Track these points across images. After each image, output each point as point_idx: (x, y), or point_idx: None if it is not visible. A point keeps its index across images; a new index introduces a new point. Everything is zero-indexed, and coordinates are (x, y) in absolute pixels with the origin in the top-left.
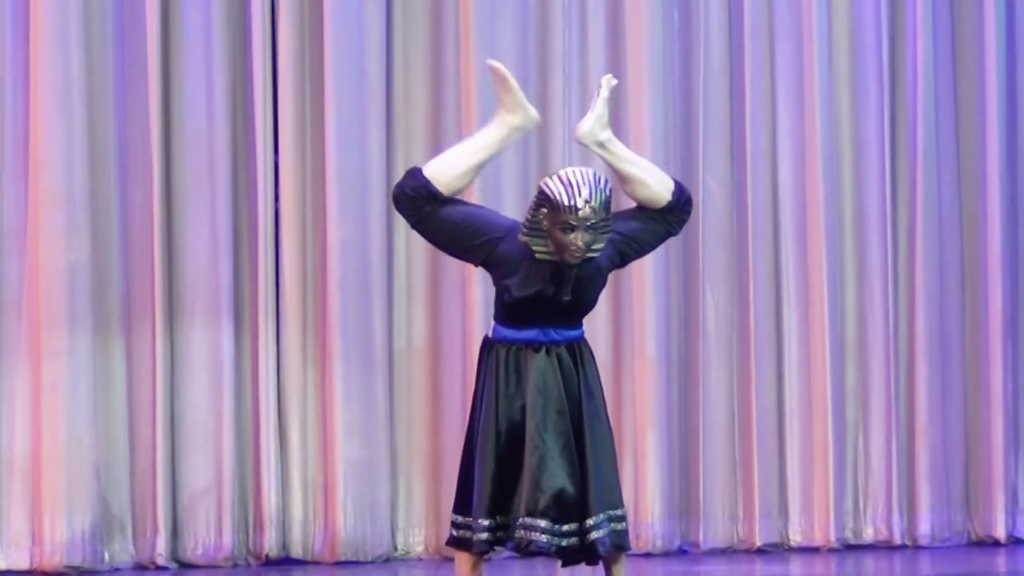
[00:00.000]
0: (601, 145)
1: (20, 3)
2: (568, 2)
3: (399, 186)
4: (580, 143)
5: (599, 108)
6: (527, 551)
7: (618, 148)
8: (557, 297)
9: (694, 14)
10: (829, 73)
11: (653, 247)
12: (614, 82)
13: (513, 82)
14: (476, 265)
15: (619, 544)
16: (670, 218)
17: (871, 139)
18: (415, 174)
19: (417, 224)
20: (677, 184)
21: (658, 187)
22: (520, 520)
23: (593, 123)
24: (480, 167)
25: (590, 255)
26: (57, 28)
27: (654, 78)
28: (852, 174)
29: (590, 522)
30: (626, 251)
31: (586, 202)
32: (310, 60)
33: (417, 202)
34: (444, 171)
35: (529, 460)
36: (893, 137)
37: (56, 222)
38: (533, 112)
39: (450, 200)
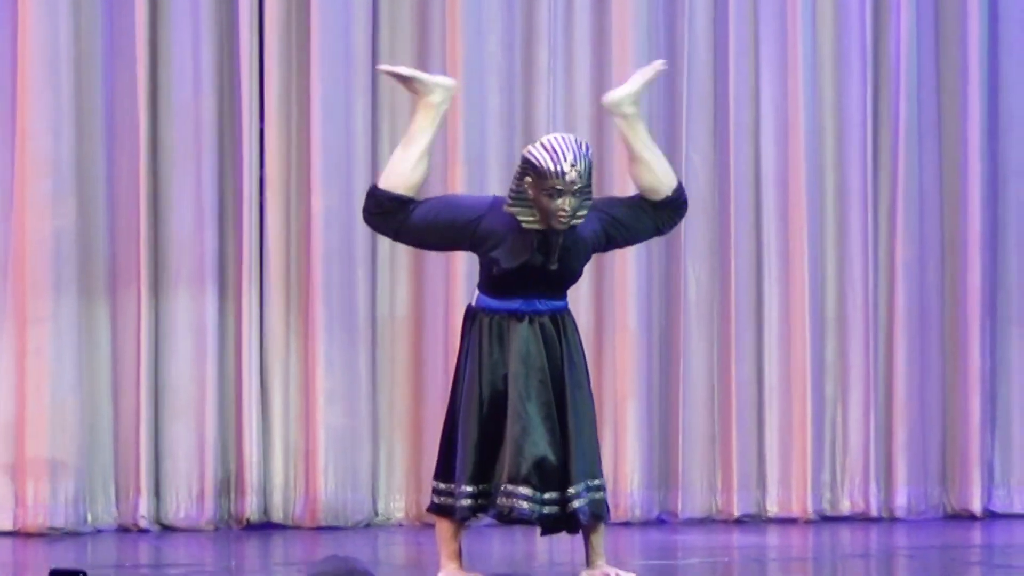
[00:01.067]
0: (625, 117)
1: None
2: None
3: (365, 208)
4: (606, 108)
5: (636, 83)
6: (509, 518)
7: (638, 127)
8: (545, 266)
9: None
10: (813, 50)
11: (639, 240)
12: (663, 68)
13: (410, 72)
14: (466, 248)
15: (597, 513)
16: (663, 215)
17: (853, 116)
18: (373, 191)
19: (397, 236)
20: (680, 184)
21: (663, 177)
22: (502, 487)
23: (625, 95)
24: (426, 152)
25: (575, 222)
26: None
27: (638, 51)
28: (834, 151)
29: (571, 491)
30: (612, 233)
31: (572, 166)
32: (296, 30)
33: (388, 215)
34: (397, 173)
35: (512, 428)
36: (875, 115)
37: (42, 189)
38: (445, 81)
39: (418, 203)
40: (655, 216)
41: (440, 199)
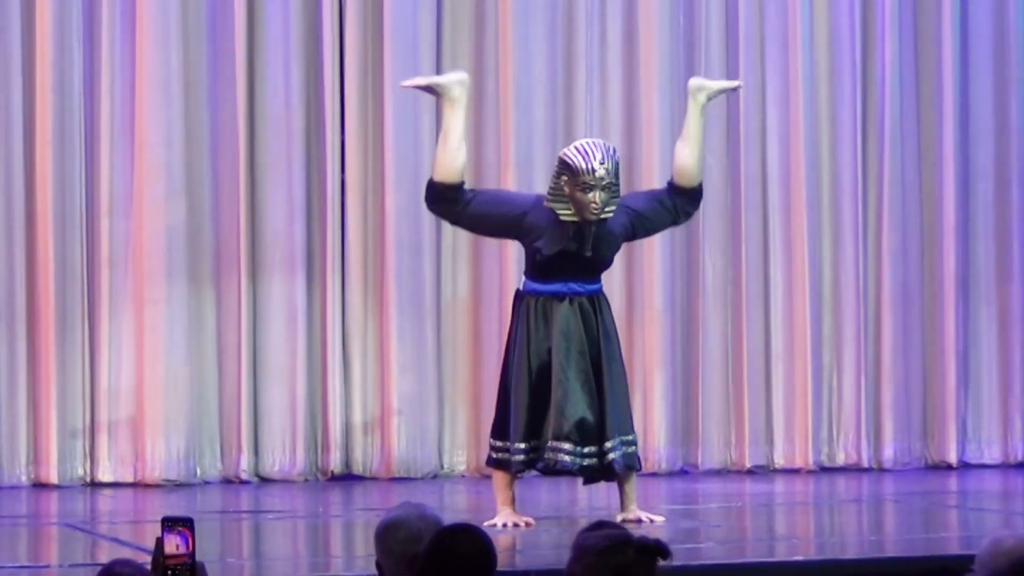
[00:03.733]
0: (696, 103)
1: (127, 9)
2: (590, 8)
3: (426, 199)
4: (689, 88)
5: (720, 84)
6: (554, 470)
7: (701, 117)
8: (580, 253)
9: (697, 19)
10: (810, 68)
11: (659, 231)
12: (740, 86)
13: (427, 80)
14: (514, 238)
15: (630, 464)
16: (681, 206)
17: (845, 125)
18: (430, 183)
19: (456, 222)
20: (702, 183)
21: (697, 166)
22: (548, 444)
23: (707, 86)
24: (461, 139)
25: (605, 215)
26: (159, 29)
27: (662, 71)
28: (829, 155)
29: (607, 445)
30: (637, 226)
31: (600, 164)
32: (372, 55)
33: (445, 202)
34: (444, 164)
35: (555, 393)
36: (864, 124)
37: (157, 191)
38: (457, 76)
39: (472, 194)
40: (674, 209)
41: (493, 195)
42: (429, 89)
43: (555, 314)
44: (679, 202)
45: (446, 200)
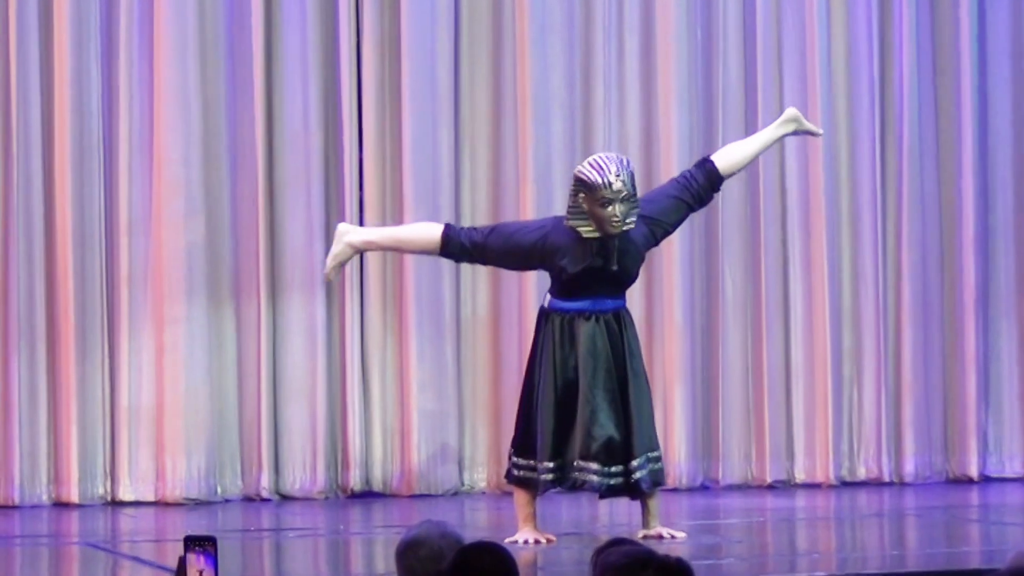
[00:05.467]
0: (783, 127)
1: (145, 27)
2: (608, 23)
3: (447, 255)
4: (788, 115)
5: (808, 126)
6: (580, 488)
7: (775, 140)
8: (605, 268)
9: (714, 33)
10: (829, 84)
11: (677, 226)
12: (820, 134)
13: (328, 265)
14: (539, 267)
15: (657, 481)
16: (704, 190)
17: (864, 139)
18: (446, 256)
19: (484, 263)
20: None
21: (741, 167)
22: (575, 463)
23: (799, 122)
24: (406, 238)
25: (626, 227)
26: (176, 47)
27: (680, 86)
28: (848, 168)
29: (634, 463)
30: (657, 231)
31: (616, 176)
32: (389, 72)
33: (461, 256)
34: (425, 249)
35: (582, 412)
36: (883, 138)
37: (176, 208)
38: (341, 233)
39: (487, 236)
40: (691, 196)
41: (507, 232)
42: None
43: (581, 332)
44: (703, 186)
45: (459, 256)
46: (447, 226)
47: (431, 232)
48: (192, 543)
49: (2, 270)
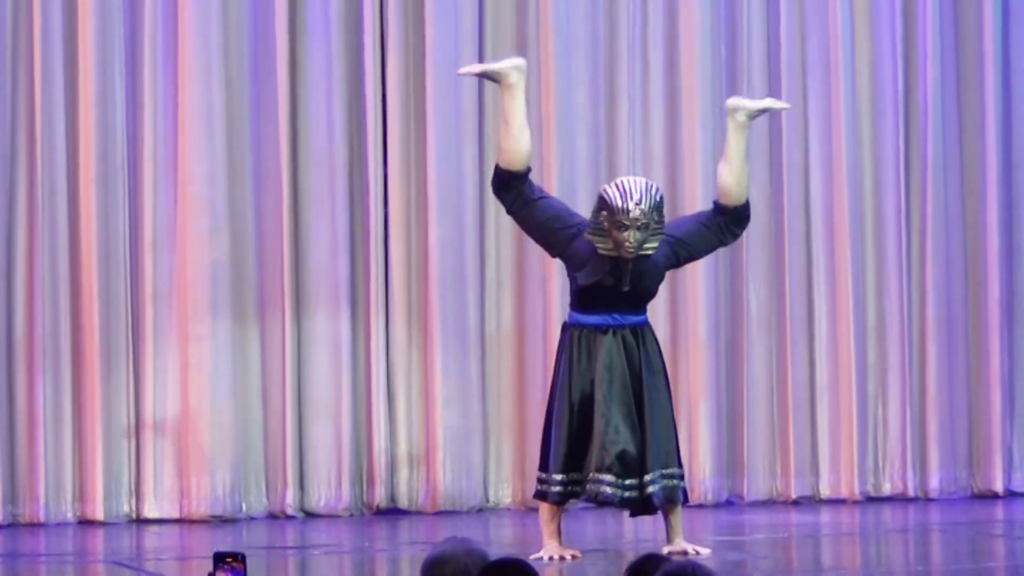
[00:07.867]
0: (735, 122)
1: (170, 45)
2: (632, 40)
3: (492, 184)
4: (728, 107)
5: (760, 103)
6: (596, 501)
7: (741, 136)
8: (617, 287)
9: (739, 50)
10: (853, 100)
11: (705, 254)
12: (788, 107)
13: (483, 67)
14: (555, 255)
15: (670, 497)
16: (728, 226)
17: (888, 154)
18: (496, 169)
19: (511, 212)
20: (748, 201)
21: (739, 186)
22: (590, 475)
23: (745, 105)
24: (523, 123)
25: (644, 252)
26: (201, 64)
27: (704, 102)
28: (872, 184)
29: (647, 478)
30: (681, 253)
31: (636, 205)
32: (414, 88)
33: (510, 190)
34: (507, 149)
35: (597, 425)
36: (907, 153)
37: (201, 225)
38: (513, 62)
39: (540, 197)
40: (719, 231)
41: (556, 208)
42: (487, 75)
43: (598, 346)
44: (724, 222)
45: (510, 188)
46: (528, 168)
47: (526, 148)
48: (221, 560)
49: (27, 288)
